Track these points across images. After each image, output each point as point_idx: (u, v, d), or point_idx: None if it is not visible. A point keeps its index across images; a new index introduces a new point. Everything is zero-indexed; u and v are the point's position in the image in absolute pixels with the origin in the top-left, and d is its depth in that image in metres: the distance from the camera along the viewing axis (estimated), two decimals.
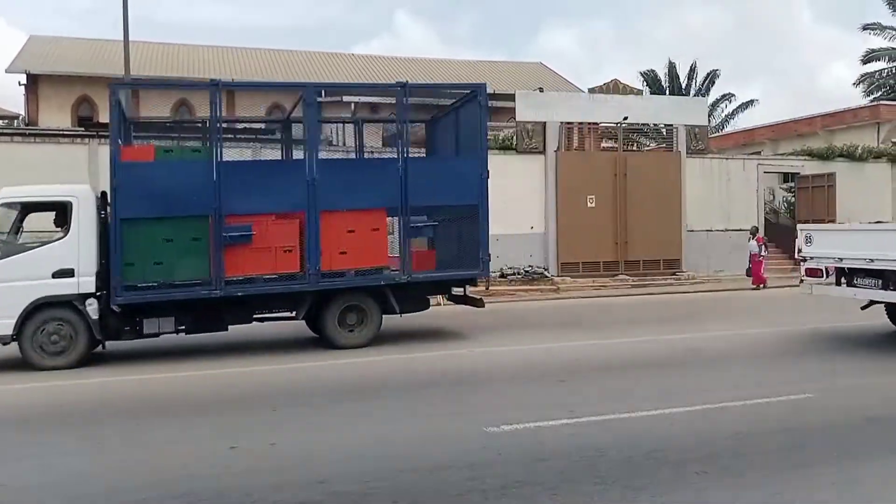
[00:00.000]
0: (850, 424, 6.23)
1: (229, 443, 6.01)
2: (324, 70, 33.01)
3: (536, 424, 6.27)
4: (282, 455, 5.71)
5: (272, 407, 7.31)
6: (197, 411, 7.34)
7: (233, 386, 8.57)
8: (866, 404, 6.85)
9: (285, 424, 6.67)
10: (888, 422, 6.27)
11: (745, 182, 23.44)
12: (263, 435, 6.24)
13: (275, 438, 6.12)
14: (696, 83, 46.08)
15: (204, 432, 6.51)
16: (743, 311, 15.36)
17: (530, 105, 21.74)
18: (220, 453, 5.77)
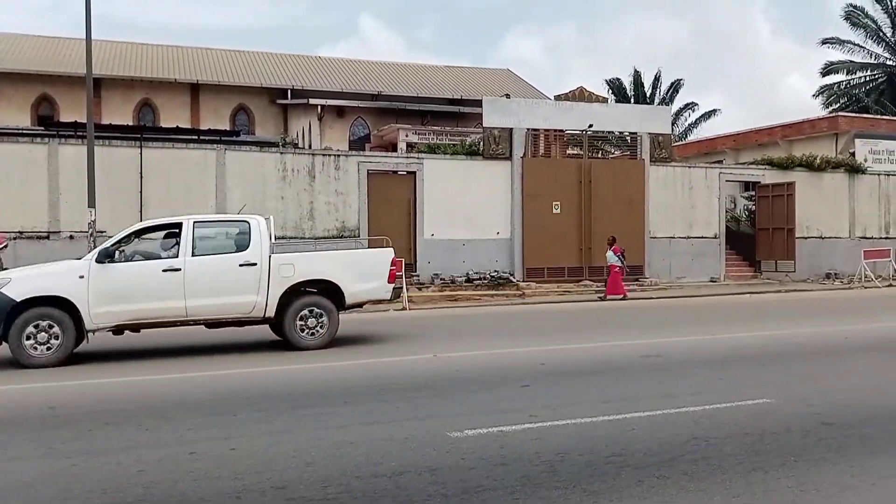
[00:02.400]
0: (808, 430, 6.32)
1: (188, 448, 5.92)
2: (290, 72, 32.81)
3: (499, 429, 6.28)
4: (242, 460, 5.64)
5: (233, 412, 7.22)
6: (156, 415, 7.22)
7: (193, 390, 8.45)
8: (823, 410, 6.97)
9: (246, 429, 6.58)
10: (844, 427, 6.38)
11: (706, 190, 23.80)
12: (223, 440, 6.15)
13: (235, 444, 6.04)
14: (660, 92, 46.84)
15: (163, 437, 6.40)
16: (706, 316, 15.57)
17: (497, 111, 21.86)
18: (179, 458, 5.67)
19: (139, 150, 18.53)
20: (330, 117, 30.10)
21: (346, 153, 21.74)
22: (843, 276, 24.00)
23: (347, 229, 19.96)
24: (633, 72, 47.31)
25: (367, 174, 20.38)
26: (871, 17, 44.63)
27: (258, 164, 19.52)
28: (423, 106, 30.95)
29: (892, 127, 31.39)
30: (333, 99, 30.09)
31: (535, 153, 22.27)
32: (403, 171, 21.21)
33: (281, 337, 11.58)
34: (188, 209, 18.67)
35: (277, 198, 19.47)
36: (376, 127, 29.90)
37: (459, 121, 30.80)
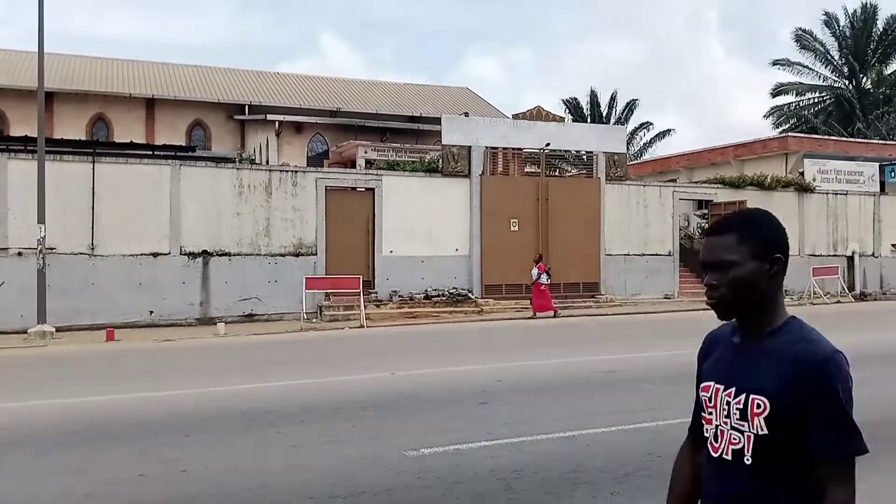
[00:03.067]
0: None
1: (138, 470, 5.80)
2: (248, 87, 32.58)
3: (455, 447, 6.28)
4: (194, 483, 5.54)
5: (185, 432, 7.10)
6: (106, 437, 7.06)
7: (144, 411, 8.28)
8: None
9: (198, 451, 6.47)
10: None
11: (661, 208, 24.19)
12: (175, 462, 6.04)
13: (186, 465, 5.94)
14: (616, 112, 47.60)
15: (112, 458, 6.26)
16: (660, 332, 15.78)
17: (456, 129, 21.98)
18: (129, 480, 5.56)
19: (91, 166, 18.19)
20: (288, 133, 29.93)
21: (304, 169, 21.60)
22: (792, 293, 24.55)
23: (304, 246, 19.82)
24: (589, 92, 48.08)
25: (325, 190, 20.28)
26: (819, 41, 46.07)
27: (214, 180, 19.30)
28: (382, 123, 30.96)
29: (839, 147, 32.34)
30: (291, 115, 29.95)
31: (493, 171, 22.43)
32: (362, 188, 21.16)
33: None
34: (141, 226, 18.39)
35: (233, 214, 19.26)
36: (335, 143, 29.81)
37: (419, 138, 30.89)
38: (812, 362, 1.82)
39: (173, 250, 18.60)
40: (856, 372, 1.90)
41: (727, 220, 1.99)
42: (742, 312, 1.96)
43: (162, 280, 18.31)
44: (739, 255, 1.91)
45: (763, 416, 1.86)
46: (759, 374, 1.89)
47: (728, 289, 1.93)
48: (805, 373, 1.82)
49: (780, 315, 1.95)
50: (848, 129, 42.63)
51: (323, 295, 19.53)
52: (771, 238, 1.95)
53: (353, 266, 19.78)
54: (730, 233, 1.95)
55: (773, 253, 1.92)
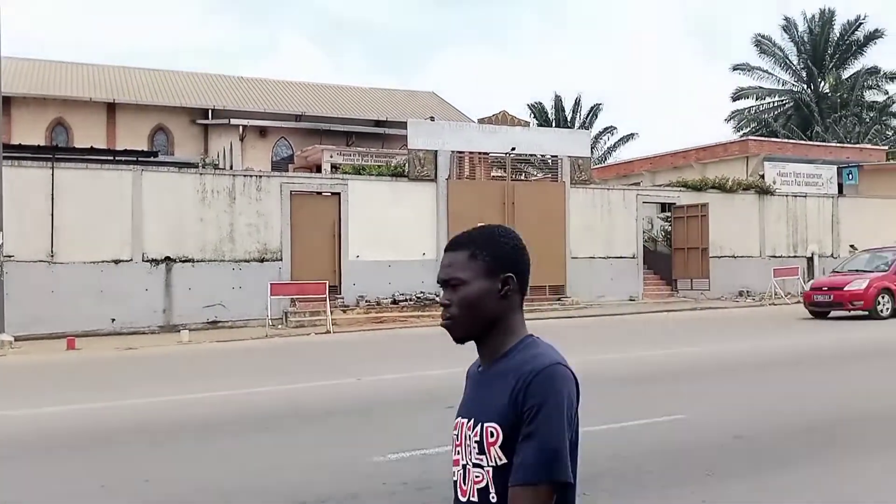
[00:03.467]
0: (721, 444, 6.53)
1: (100, 481, 5.70)
2: (211, 92, 32.26)
3: (422, 452, 6.27)
4: (156, 493, 5.46)
5: (147, 442, 6.99)
6: (66, 448, 6.92)
7: (105, 421, 8.14)
8: (735, 424, 7.21)
9: (161, 460, 6.38)
10: (754, 441, 6.61)
11: (625, 211, 24.44)
12: (137, 471, 5.95)
13: (149, 475, 5.85)
14: (580, 116, 48.01)
15: (74, 469, 6.15)
16: (624, 334, 15.94)
17: (422, 133, 21.99)
18: (90, 492, 5.46)
19: (51, 171, 17.85)
20: (252, 138, 29.71)
21: (269, 174, 21.44)
22: (754, 293, 24.95)
23: (269, 251, 19.65)
24: (554, 96, 48.45)
25: (290, 195, 20.14)
26: (778, 46, 46.97)
27: (177, 186, 19.06)
28: (347, 127, 30.87)
29: (798, 150, 32.96)
30: (256, 119, 29.73)
31: (459, 175, 22.47)
32: (328, 193, 21.06)
33: None
34: (102, 232, 18.09)
35: (197, 220, 19.03)
36: (300, 148, 29.63)
37: (385, 142, 30.85)
38: (526, 376, 1.69)
39: (135, 257, 18.32)
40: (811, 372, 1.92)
41: (462, 236, 1.87)
42: (475, 335, 1.82)
43: (124, 287, 18.01)
44: (469, 273, 1.79)
45: (498, 446, 1.70)
46: (490, 400, 1.75)
47: (457, 309, 1.80)
48: (519, 388, 1.68)
49: (515, 336, 1.82)
50: (807, 132, 43.51)
51: (288, 301, 19.38)
52: (503, 256, 1.83)
53: (319, 271, 19.65)
54: (462, 249, 1.83)
55: (505, 272, 1.80)
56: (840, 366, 10.83)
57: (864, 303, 17.90)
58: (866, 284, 18.08)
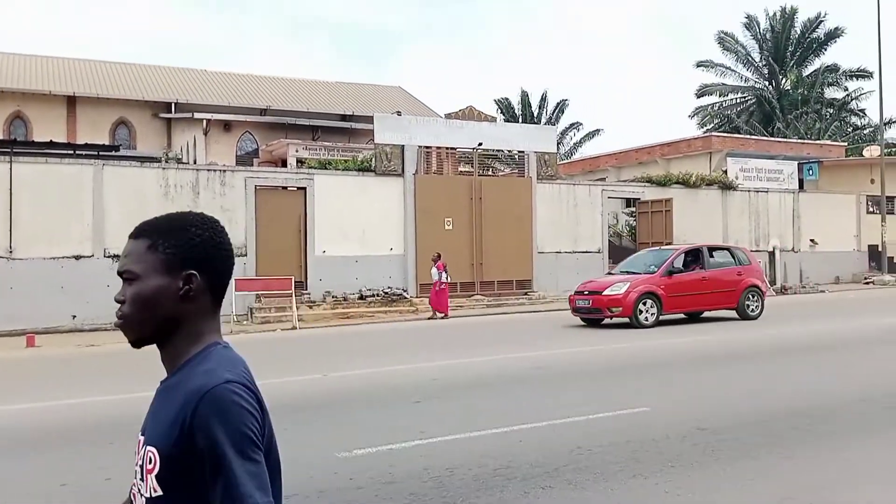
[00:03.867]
0: (684, 435, 6.62)
1: (60, 479, 5.60)
2: (174, 85, 31.78)
3: (389, 447, 6.26)
4: (117, 491, 5.36)
5: (109, 440, 6.88)
6: (25, 446, 6.79)
7: (66, 418, 8.00)
8: (698, 415, 7.31)
9: (123, 458, 6.27)
10: (717, 432, 6.71)
11: (590, 206, 24.64)
12: (98, 470, 5.86)
13: (111, 473, 5.75)
14: (546, 112, 48.29)
15: (33, 468, 6.04)
16: (588, 329, 16.06)
17: (389, 128, 21.92)
18: (50, 491, 5.36)
19: (9, 166, 17.47)
20: (216, 132, 29.31)
21: (233, 168, 21.22)
22: None
23: (234, 246, 19.18)
24: (520, 92, 48.65)
25: (254, 190, 19.96)
26: (741, 43, 47.67)
27: (139, 180, 18.77)
28: (313, 121, 30.61)
29: (760, 146, 33.53)
30: (220, 113, 29.33)
31: (427, 170, 22.46)
32: (293, 187, 20.91)
33: None
34: (62, 227, 17.76)
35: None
36: (265, 142, 29.34)
37: (351, 137, 30.68)
38: (191, 398, 1.43)
39: (97, 253, 18.02)
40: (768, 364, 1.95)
41: (146, 223, 1.61)
42: (151, 339, 1.56)
43: (85, 283, 17.70)
44: (144, 266, 1.53)
45: (154, 475, 1.45)
46: (161, 419, 1.49)
47: (129, 307, 1.54)
48: (186, 413, 1.42)
49: (201, 343, 1.56)
50: (768, 128, 44.24)
51: (254, 296, 19.22)
52: (190, 249, 1.55)
53: (284, 267, 19.52)
54: (143, 238, 1.57)
55: (188, 268, 1.53)
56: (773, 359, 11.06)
57: (623, 309, 15.56)
58: (626, 288, 15.72)
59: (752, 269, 17.44)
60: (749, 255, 18.26)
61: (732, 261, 17.54)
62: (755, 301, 16.90)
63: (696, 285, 16.41)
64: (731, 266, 17.30)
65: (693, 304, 16.55)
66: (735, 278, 16.85)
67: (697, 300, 16.49)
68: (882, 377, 9.24)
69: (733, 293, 16.67)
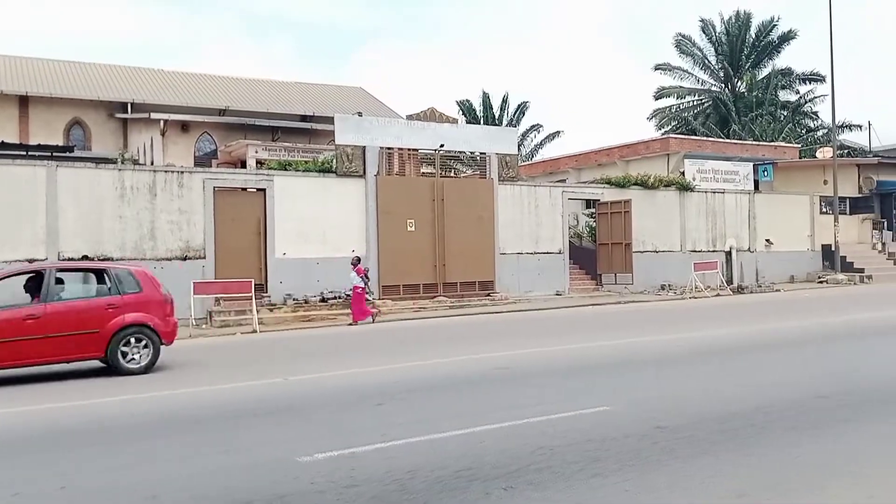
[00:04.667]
0: (644, 434, 6.69)
1: (12, 489, 5.46)
2: (131, 85, 31.25)
3: (350, 451, 6.22)
4: (74, 500, 5.27)
5: (65, 447, 6.74)
6: None
7: (21, 426, 7.81)
8: (658, 414, 7.40)
9: (79, 466, 6.16)
10: (676, 430, 6.80)
11: (551, 208, 24.82)
12: (53, 478, 5.73)
13: (66, 482, 5.63)
14: (507, 114, 48.53)
15: None
16: (551, 328, 16.18)
17: (350, 129, 21.81)
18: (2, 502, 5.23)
19: None
20: (174, 132, 28.86)
21: (191, 169, 20.92)
22: (676, 287, 25.69)
23: (192, 249, 19.18)
24: (482, 93, 48.83)
25: (213, 191, 19.69)
26: (698, 47, 48.44)
27: (94, 182, 18.40)
28: (273, 122, 30.34)
29: (717, 148, 34.11)
30: (177, 113, 28.89)
31: (389, 171, 22.39)
32: (253, 189, 20.68)
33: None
34: (15, 230, 17.34)
35: (115, 217, 18.42)
36: (224, 143, 28.98)
37: (312, 137, 30.46)
38: None
39: (51, 256, 17.61)
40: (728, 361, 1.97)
41: None
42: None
43: None
44: None
45: None
46: None
47: None
48: None
49: None
50: (724, 130, 45.03)
51: (213, 300, 18.97)
52: None
53: (244, 269, 19.29)
54: None
55: None
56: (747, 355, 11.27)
57: None
58: None
59: (143, 300, 11.66)
60: (143, 277, 12.03)
61: (107, 287, 11.64)
62: (142, 347, 11.45)
63: (19, 328, 10.75)
64: (99, 297, 11.63)
65: (11, 357, 10.73)
66: (103, 314, 11.29)
67: (19, 350, 10.74)
68: (836, 374, 9.46)
69: (97, 336, 11.15)
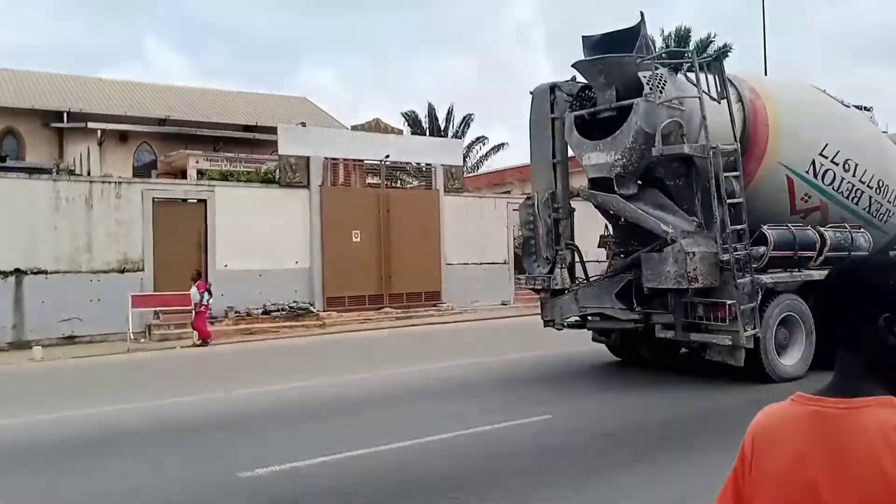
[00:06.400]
0: (587, 441, 6.76)
1: None
2: (67, 93, 30.40)
3: (292, 465, 6.12)
4: None
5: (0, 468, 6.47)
6: None
7: None
8: (601, 422, 7.48)
9: (16, 484, 5.92)
10: (620, 437, 6.89)
11: (496, 219, 24.97)
12: None
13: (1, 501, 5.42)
14: (453, 126, 48.66)
15: None
16: (496, 338, 16.23)
17: (293, 139, 21.60)
18: None
19: None
20: (111, 142, 28.10)
21: (129, 180, 20.40)
22: None
23: (131, 261, 18.68)
24: (427, 105, 48.93)
25: (152, 202, 19.23)
26: None
27: (28, 193, 17.79)
28: (215, 132, 29.80)
29: None
30: (115, 123, 28.14)
31: (333, 182, 22.21)
32: (193, 200, 20.26)
33: None
34: None
35: (50, 228, 17.83)
36: (164, 153, 28.35)
37: (255, 148, 30.02)
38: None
39: None
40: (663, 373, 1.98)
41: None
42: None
43: None
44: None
45: None
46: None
47: None
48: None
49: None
50: None
51: (152, 313, 18.51)
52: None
53: (184, 282, 18.82)
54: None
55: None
56: None
57: None
58: None
59: None
60: None
61: None
62: None
63: None
64: None
65: None
66: None
67: None
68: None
69: None
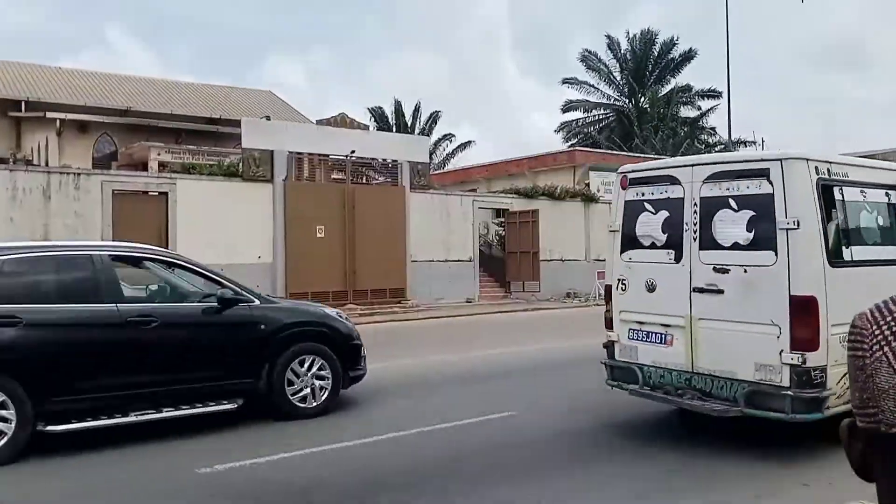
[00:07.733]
0: (549, 438, 6.79)
1: None
2: (25, 82, 29.71)
3: (252, 461, 6.05)
4: None
5: None
6: None
7: None
8: (563, 419, 7.53)
9: None
10: (580, 434, 6.93)
11: (462, 216, 25.00)
12: None
13: None
14: (420, 122, 48.67)
15: None
16: (460, 335, 16.25)
17: (257, 132, 21.37)
18: None
19: None
20: (71, 133, 27.55)
21: (88, 171, 20.00)
22: (581, 294, 26.27)
23: None
24: (394, 102, 48.81)
25: (112, 195, 18.87)
26: (603, 62, 49.87)
27: None
28: (177, 124, 29.37)
29: (620, 161, 34.85)
30: (75, 113, 27.59)
31: (298, 177, 22.00)
32: (154, 192, 19.93)
33: None
34: None
35: (6, 220, 17.41)
36: (124, 144, 27.86)
37: (218, 141, 29.66)
38: None
39: None
40: None
41: None
42: None
43: None
44: None
45: None
46: None
47: None
48: None
49: None
50: (628, 144, 46.47)
51: None
52: None
53: None
54: None
55: None
56: None
57: None
58: None
59: None
60: None
61: None
62: None
63: None
64: None
65: None
66: None
67: None
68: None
69: None
